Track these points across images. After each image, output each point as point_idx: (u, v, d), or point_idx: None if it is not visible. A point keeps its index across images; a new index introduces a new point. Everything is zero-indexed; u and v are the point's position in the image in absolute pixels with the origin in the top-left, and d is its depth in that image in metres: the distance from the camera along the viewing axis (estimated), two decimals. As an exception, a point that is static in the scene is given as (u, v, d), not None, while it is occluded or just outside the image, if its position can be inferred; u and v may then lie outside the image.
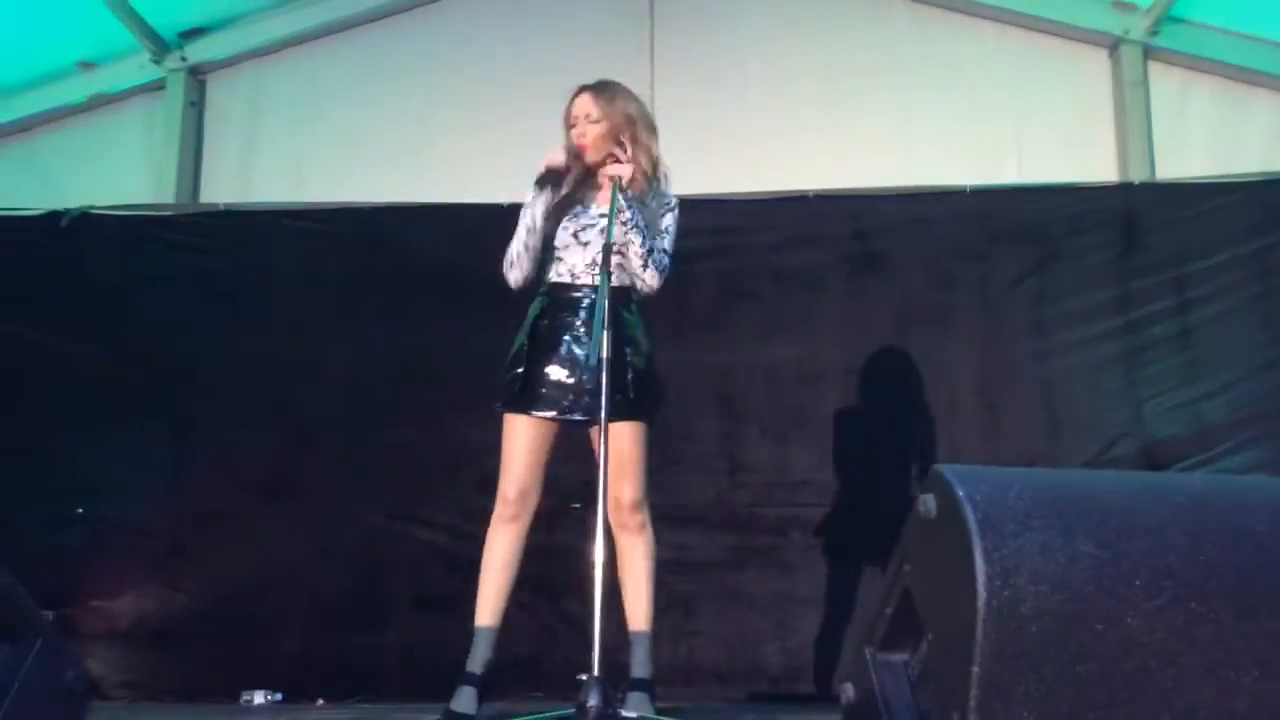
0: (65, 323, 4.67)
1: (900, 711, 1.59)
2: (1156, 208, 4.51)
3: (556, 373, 3.06)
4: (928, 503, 1.52)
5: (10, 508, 4.29)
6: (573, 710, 2.71)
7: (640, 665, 3.09)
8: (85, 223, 4.73)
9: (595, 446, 2.96)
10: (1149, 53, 4.86)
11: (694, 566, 4.33)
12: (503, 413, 3.10)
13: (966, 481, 1.48)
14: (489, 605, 3.06)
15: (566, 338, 3.07)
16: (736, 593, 4.31)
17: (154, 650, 4.30)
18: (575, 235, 3.12)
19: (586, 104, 3.16)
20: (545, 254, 3.15)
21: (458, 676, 3.01)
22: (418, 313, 4.53)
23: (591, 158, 3.14)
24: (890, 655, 1.65)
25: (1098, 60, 4.96)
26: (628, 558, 3.11)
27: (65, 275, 4.70)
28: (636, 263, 3.07)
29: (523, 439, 3.08)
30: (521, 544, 3.11)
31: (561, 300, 3.11)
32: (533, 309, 3.15)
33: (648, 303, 4.39)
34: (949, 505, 1.48)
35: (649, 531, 3.13)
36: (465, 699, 2.98)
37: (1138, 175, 4.70)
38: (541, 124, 4.80)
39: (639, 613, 3.11)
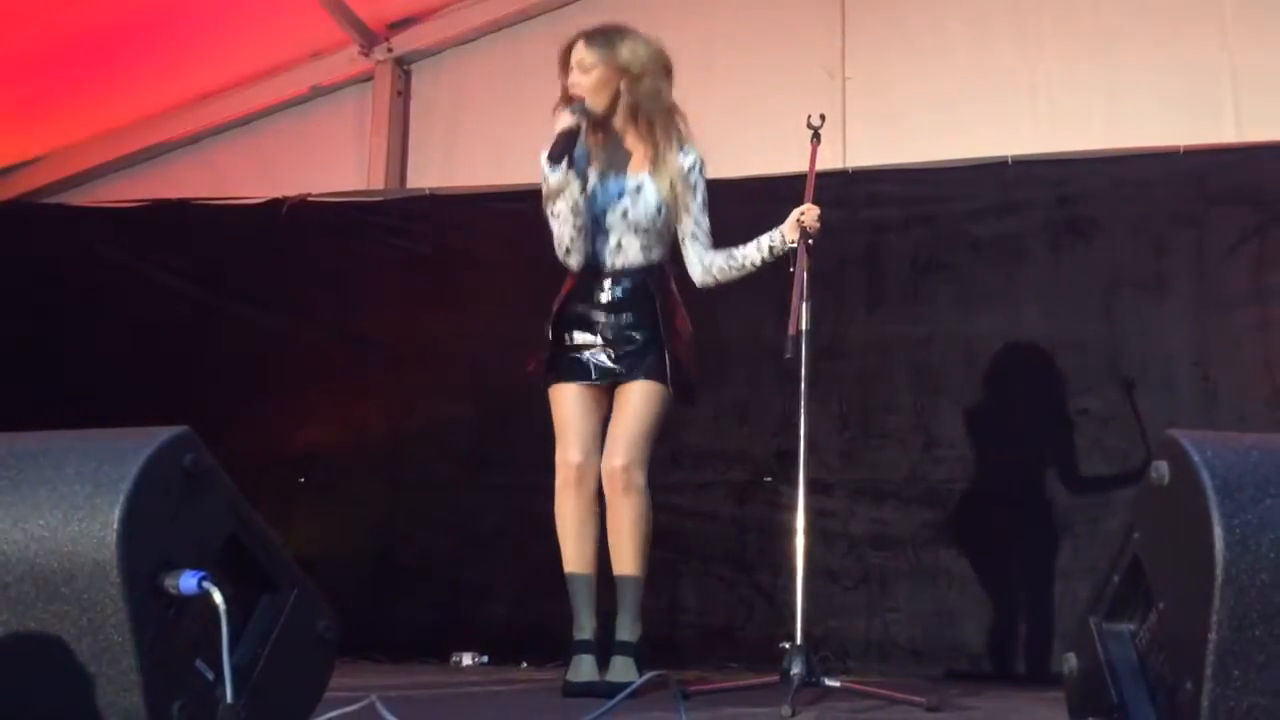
0: (288, 303, 4.99)
1: (1128, 681, 1.56)
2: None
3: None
4: (1160, 469, 1.49)
5: (236, 476, 4.62)
6: (777, 678, 2.77)
7: (625, 628, 3.09)
8: (303, 209, 5.01)
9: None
10: (1379, -5, 4.49)
11: (890, 542, 4.28)
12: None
13: (1202, 446, 1.44)
14: None
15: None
16: (934, 569, 4.24)
17: (370, 612, 4.53)
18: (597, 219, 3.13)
19: (580, 52, 3.06)
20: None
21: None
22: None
23: (594, 106, 3.06)
24: (1117, 625, 1.62)
25: (1323, 6, 4.62)
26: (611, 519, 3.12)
27: (287, 259, 5.00)
28: (713, 279, 3.18)
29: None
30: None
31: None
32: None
33: (843, 276, 4.42)
34: (1184, 471, 1.44)
35: (637, 495, 3.08)
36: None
37: (1368, 130, 4.36)
38: (735, 96, 4.88)
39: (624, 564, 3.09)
